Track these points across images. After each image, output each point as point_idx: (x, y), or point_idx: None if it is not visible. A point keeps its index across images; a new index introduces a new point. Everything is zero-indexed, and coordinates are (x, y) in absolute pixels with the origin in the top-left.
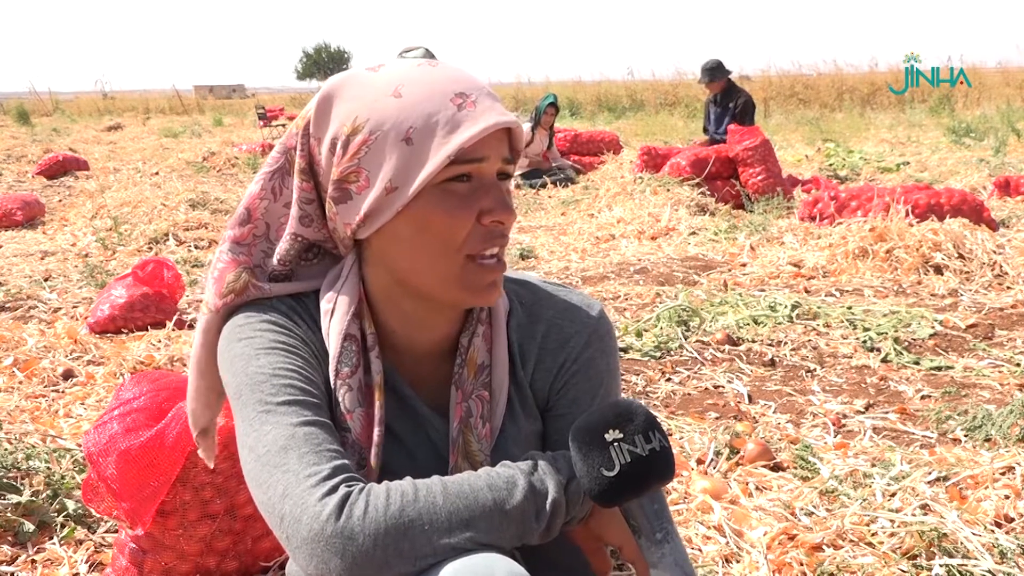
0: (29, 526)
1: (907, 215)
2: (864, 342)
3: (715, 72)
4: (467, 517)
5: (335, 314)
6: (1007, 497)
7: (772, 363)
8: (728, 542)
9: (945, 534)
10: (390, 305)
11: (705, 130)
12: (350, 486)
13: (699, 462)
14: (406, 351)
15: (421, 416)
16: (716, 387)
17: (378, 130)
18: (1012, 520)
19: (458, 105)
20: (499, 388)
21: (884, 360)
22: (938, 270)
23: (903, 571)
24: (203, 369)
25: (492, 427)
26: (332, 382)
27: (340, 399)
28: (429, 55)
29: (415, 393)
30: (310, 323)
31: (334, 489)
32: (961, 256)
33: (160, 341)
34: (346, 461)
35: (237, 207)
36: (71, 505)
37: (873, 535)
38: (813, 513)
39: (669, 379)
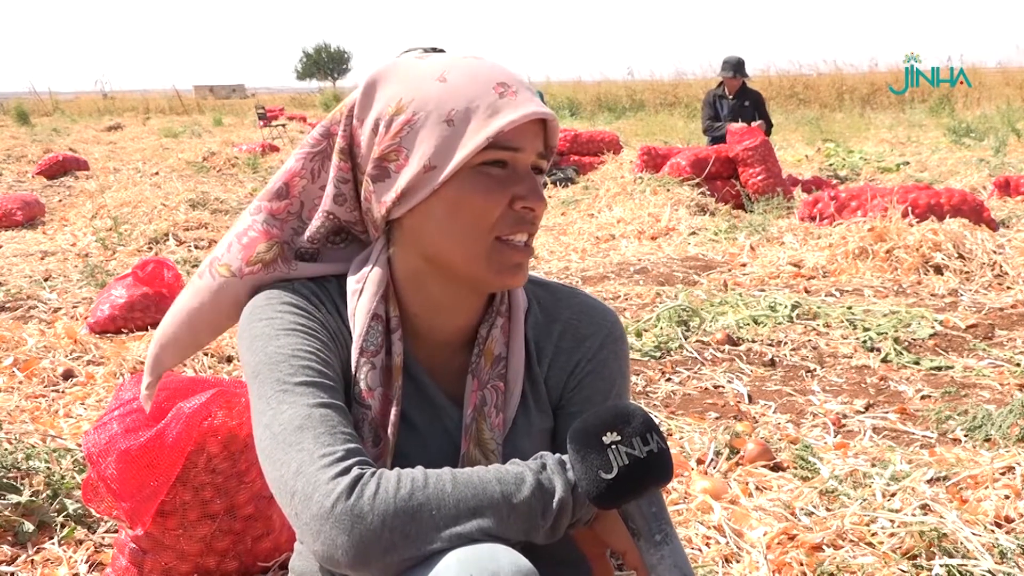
0: (29, 526)
1: (907, 215)
2: (864, 342)
3: (741, 68)
4: (474, 506)
5: (363, 294)
6: (1007, 497)
7: (772, 363)
8: (728, 542)
9: (945, 534)
10: (415, 289)
11: (714, 127)
12: (362, 469)
13: (699, 462)
14: (426, 337)
15: (436, 403)
16: (716, 387)
17: (421, 110)
18: (1012, 520)
19: (500, 93)
20: (514, 380)
21: (884, 360)
22: (938, 270)
23: (903, 571)
24: (197, 326)
25: (505, 417)
26: (355, 360)
27: (363, 377)
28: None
29: (432, 381)
30: (330, 307)
31: (347, 470)
32: (961, 256)
33: None
34: (359, 445)
35: (273, 181)
36: (71, 505)
37: (873, 535)
38: (813, 513)
39: (669, 379)
